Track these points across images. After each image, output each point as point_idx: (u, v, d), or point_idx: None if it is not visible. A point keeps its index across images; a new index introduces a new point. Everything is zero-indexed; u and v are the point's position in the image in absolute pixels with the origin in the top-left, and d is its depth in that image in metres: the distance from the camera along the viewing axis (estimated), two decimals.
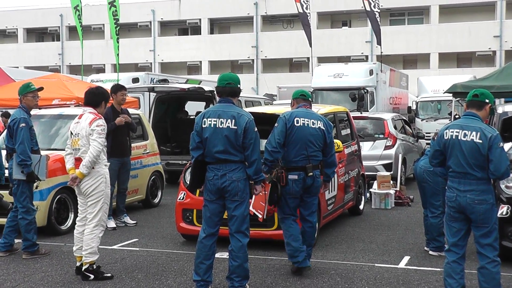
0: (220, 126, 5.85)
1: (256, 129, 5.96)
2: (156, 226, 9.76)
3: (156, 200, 11.90)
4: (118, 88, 9.66)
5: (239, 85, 6.10)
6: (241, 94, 6.70)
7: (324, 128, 6.78)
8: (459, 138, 5.44)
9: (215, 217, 6.02)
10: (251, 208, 6.56)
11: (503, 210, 7.13)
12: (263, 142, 9.69)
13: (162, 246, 8.30)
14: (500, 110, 9.29)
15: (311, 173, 6.67)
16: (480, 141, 5.32)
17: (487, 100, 5.53)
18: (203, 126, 5.93)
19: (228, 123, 5.85)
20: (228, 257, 6.05)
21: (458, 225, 5.53)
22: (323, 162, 6.90)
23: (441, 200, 7.65)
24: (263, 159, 6.56)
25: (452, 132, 5.51)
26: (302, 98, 7.07)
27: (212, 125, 5.88)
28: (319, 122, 6.77)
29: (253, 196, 6.53)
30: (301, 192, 6.73)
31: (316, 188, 6.83)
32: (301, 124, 6.66)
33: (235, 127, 5.85)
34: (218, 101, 6.11)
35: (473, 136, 5.36)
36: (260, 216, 6.72)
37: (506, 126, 8.09)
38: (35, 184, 7.87)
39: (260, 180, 6.08)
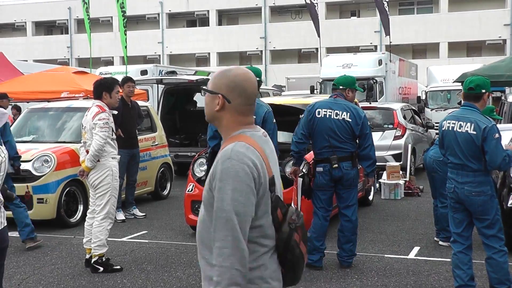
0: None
1: (274, 120, 6.23)
2: (165, 218, 9.78)
3: (165, 192, 11.92)
4: (125, 81, 9.67)
5: (258, 78, 6.17)
6: None
7: (350, 120, 6.49)
8: (455, 129, 5.42)
9: None
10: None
11: None
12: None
13: (171, 238, 8.31)
14: (510, 99, 9.21)
15: (336, 165, 6.48)
16: (474, 132, 5.28)
17: (483, 91, 5.44)
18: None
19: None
20: None
21: (460, 215, 5.51)
22: (358, 154, 6.66)
23: None
24: (291, 151, 6.62)
25: (449, 123, 5.50)
26: (334, 88, 6.88)
27: None
28: (344, 113, 6.51)
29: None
30: (331, 184, 6.57)
31: (348, 180, 6.58)
32: (322, 115, 6.51)
33: (254, 117, 5.88)
34: None
35: (467, 127, 5.33)
36: None
37: None
38: None
39: None
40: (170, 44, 47.87)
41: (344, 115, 6.51)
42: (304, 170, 6.72)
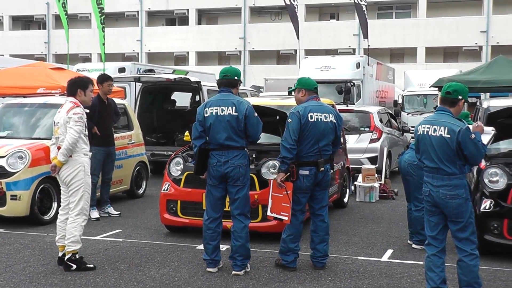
0: (222, 114, 6.31)
1: (256, 114, 6.39)
2: (140, 217, 9.73)
3: (141, 191, 11.86)
4: (104, 79, 9.61)
5: (236, 77, 6.59)
6: None
7: (335, 121, 6.64)
8: (429, 133, 5.50)
9: (218, 201, 6.49)
10: (269, 213, 6.65)
11: (486, 204, 7.21)
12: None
13: (146, 237, 8.28)
14: (485, 105, 9.32)
15: (322, 168, 6.56)
16: (448, 136, 5.36)
17: (460, 97, 5.54)
18: (206, 115, 6.38)
19: (229, 110, 6.32)
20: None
21: (435, 219, 5.58)
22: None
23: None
24: (280, 157, 6.46)
25: (424, 128, 5.59)
26: (315, 91, 6.77)
27: (214, 113, 6.34)
28: (331, 115, 6.61)
29: (270, 201, 6.58)
30: (311, 187, 6.61)
31: (326, 182, 6.72)
32: (315, 120, 6.49)
33: (236, 114, 6.30)
34: (218, 91, 6.57)
35: (441, 131, 5.41)
36: (286, 218, 6.50)
37: (491, 121, 8.11)
38: None
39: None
40: (148, 42, 47.70)
41: (331, 118, 6.60)
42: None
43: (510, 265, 6.99)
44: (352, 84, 19.96)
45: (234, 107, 6.32)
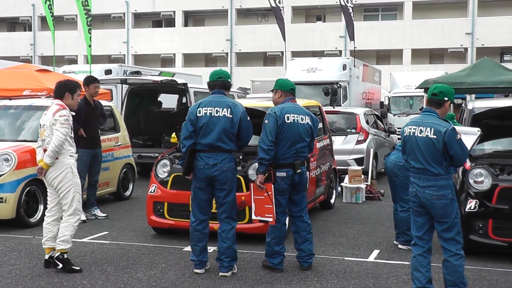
0: (216, 115, 6.29)
1: (248, 118, 6.42)
2: (127, 219, 9.72)
3: (128, 193, 11.84)
4: (91, 81, 9.59)
5: (229, 80, 6.56)
6: None
7: (311, 123, 6.68)
8: (416, 134, 5.55)
9: (205, 203, 6.49)
10: (254, 217, 6.70)
11: (471, 204, 7.27)
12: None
13: (133, 239, 8.27)
14: (470, 106, 9.40)
15: (299, 170, 6.56)
16: (435, 137, 5.42)
17: (446, 98, 5.60)
18: (199, 115, 6.34)
19: (224, 112, 6.31)
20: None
21: (421, 219, 5.62)
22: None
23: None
24: (258, 159, 6.48)
25: (410, 129, 5.63)
26: (291, 92, 6.76)
27: (208, 114, 6.31)
28: (307, 117, 6.64)
29: (253, 204, 6.57)
30: (289, 188, 6.61)
31: (303, 185, 6.71)
32: (292, 121, 6.50)
33: (231, 116, 6.30)
34: (211, 93, 6.50)
35: (428, 132, 5.47)
36: (271, 220, 6.51)
37: (476, 122, 8.18)
38: None
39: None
40: (135, 44, 47.58)
41: (307, 120, 6.62)
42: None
43: (495, 264, 7.06)
44: (338, 85, 20.02)
45: (229, 109, 6.31)
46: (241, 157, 8.33)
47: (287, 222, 7.15)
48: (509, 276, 6.62)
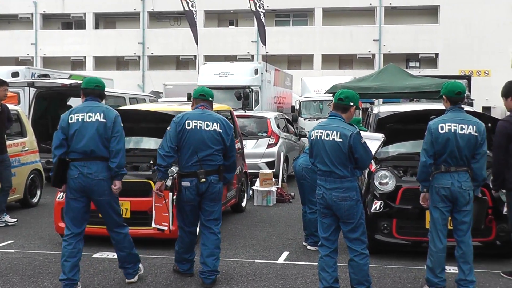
0: (89, 120, 5.95)
1: (122, 124, 6.09)
2: (34, 227, 9.46)
3: (35, 200, 11.52)
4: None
5: (104, 89, 6.34)
6: (126, 91, 6.71)
7: (221, 130, 6.32)
8: (322, 138, 5.70)
9: (80, 215, 6.05)
10: (153, 225, 6.52)
11: (376, 205, 7.52)
12: (146, 140, 9.70)
13: (40, 247, 8.06)
14: (375, 110, 9.73)
15: (203, 179, 6.23)
16: (341, 140, 5.59)
17: (351, 103, 5.79)
18: (70, 121, 6.00)
19: (97, 116, 5.97)
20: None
21: (328, 220, 5.78)
22: (224, 166, 6.46)
23: None
24: (156, 165, 6.29)
25: (317, 132, 5.77)
26: (202, 98, 6.53)
27: (80, 120, 5.97)
28: (215, 124, 6.31)
29: (153, 212, 6.41)
30: (197, 198, 6.31)
31: (212, 194, 6.34)
32: (193, 127, 6.23)
33: (104, 120, 5.98)
34: (85, 100, 6.16)
35: (334, 135, 5.63)
36: (166, 228, 6.37)
37: (381, 127, 8.48)
38: None
39: (121, 175, 6.07)
40: (44, 46, 46.24)
41: (215, 126, 6.32)
42: (167, 184, 6.45)
43: (399, 262, 7.34)
44: (250, 90, 20.22)
45: (103, 114, 5.98)
46: (151, 162, 8.29)
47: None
48: (412, 273, 6.91)
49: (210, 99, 6.61)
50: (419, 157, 6.20)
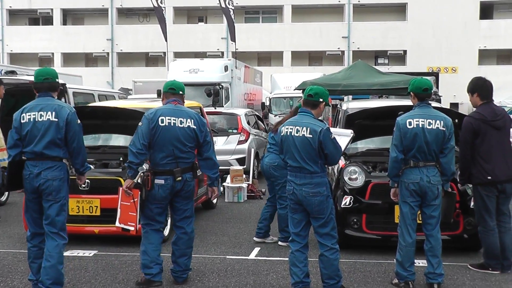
0: (40, 119, 5.68)
1: (79, 121, 5.82)
2: (3, 226, 9.35)
3: (3, 198, 11.38)
4: None
5: (57, 79, 5.95)
6: (95, 88, 6.54)
7: (195, 127, 6.11)
8: (292, 134, 5.74)
9: (37, 215, 5.83)
10: (117, 224, 6.17)
11: (346, 201, 7.59)
12: (115, 138, 9.64)
13: (9, 246, 7.98)
14: (344, 107, 9.81)
15: (179, 178, 6.07)
16: (311, 136, 5.64)
17: (321, 100, 5.83)
18: (22, 121, 5.76)
19: (49, 116, 5.68)
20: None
21: (298, 216, 5.83)
22: (200, 163, 6.33)
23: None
24: (127, 162, 6.06)
25: (287, 128, 5.81)
26: (171, 92, 6.30)
27: (31, 119, 5.71)
28: (189, 120, 6.10)
29: (119, 210, 6.12)
30: (169, 197, 6.14)
31: (187, 192, 6.21)
32: (167, 124, 6.01)
33: (56, 119, 5.68)
34: (37, 96, 5.89)
35: (304, 131, 5.67)
36: (132, 229, 6.08)
37: (350, 123, 8.56)
38: None
39: (86, 170, 5.96)
40: (10, 42, 45.55)
41: (189, 123, 6.11)
42: (139, 181, 6.11)
43: (368, 256, 7.43)
44: (220, 86, 20.22)
45: (54, 113, 5.68)
46: (121, 159, 8.25)
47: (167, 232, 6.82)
48: (381, 267, 6.99)
49: (181, 92, 6.37)
50: (388, 153, 6.29)
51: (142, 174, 6.09)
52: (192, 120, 6.14)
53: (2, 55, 45.63)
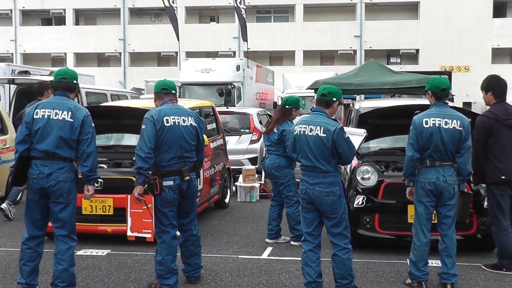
0: (55, 118, 5.59)
1: (93, 124, 5.75)
2: (16, 225, 9.40)
3: (17, 198, 11.41)
4: None
5: (75, 81, 5.87)
6: (107, 88, 6.51)
7: (196, 125, 6.09)
8: (306, 133, 5.73)
9: (39, 217, 5.75)
10: (129, 233, 6.02)
11: (359, 200, 7.56)
12: (128, 137, 9.66)
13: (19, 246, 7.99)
14: (357, 106, 9.78)
15: (187, 177, 5.96)
16: (324, 135, 5.62)
17: (334, 99, 5.82)
18: (35, 117, 5.63)
19: (64, 115, 5.61)
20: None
21: (311, 215, 5.82)
22: (198, 161, 6.27)
23: (293, 190, 8.03)
24: (136, 168, 5.83)
25: (301, 128, 5.80)
26: (164, 92, 6.17)
27: (46, 116, 5.60)
28: (190, 118, 6.05)
29: (129, 219, 5.97)
30: (179, 198, 6.00)
31: (192, 193, 6.13)
32: (172, 124, 5.89)
33: (71, 120, 5.61)
34: (53, 94, 5.84)
35: (317, 130, 5.66)
36: (149, 236, 5.88)
37: (362, 122, 8.54)
38: None
39: (94, 179, 5.78)
40: (24, 43, 45.79)
41: (190, 121, 6.05)
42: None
43: (381, 256, 7.41)
44: (232, 86, 20.24)
45: (70, 113, 5.61)
46: (134, 158, 8.26)
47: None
48: (394, 267, 6.97)
49: (173, 91, 6.24)
50: (401, 152, 6.27)
51: (147, 178, 5.88)
52: (192, 118, 6.12)
53: (15, 55, 45.88)
